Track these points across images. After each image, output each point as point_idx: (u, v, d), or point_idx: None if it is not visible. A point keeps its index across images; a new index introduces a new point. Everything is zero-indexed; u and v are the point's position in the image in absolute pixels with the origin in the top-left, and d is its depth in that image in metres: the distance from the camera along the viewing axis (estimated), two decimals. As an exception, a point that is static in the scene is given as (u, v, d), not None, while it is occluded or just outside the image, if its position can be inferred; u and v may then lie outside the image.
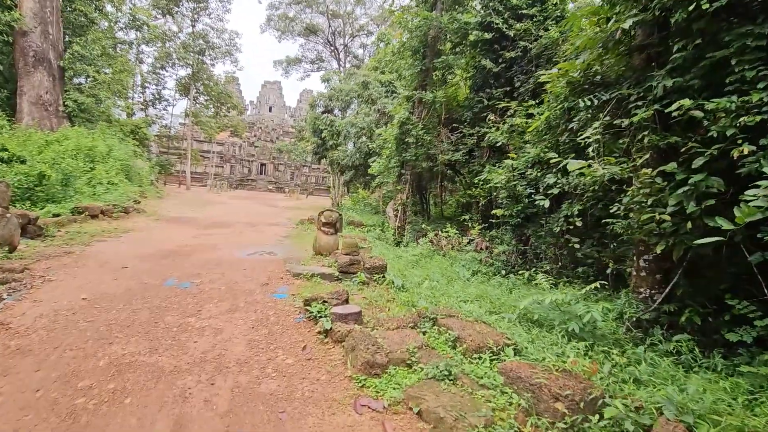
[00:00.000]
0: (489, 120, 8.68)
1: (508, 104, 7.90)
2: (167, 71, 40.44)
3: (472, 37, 12.14)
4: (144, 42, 38.12)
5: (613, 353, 3.98)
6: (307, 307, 4.90)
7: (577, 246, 6.76)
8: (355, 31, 47.44)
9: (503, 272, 8.27)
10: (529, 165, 8.26)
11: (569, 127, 6.06)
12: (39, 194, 10.67)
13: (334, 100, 22.08)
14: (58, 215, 9.90)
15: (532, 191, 8.52)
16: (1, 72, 19.24)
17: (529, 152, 7.88)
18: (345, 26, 47.34)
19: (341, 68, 42.66)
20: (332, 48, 48.13)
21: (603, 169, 4.34)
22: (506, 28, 11.71)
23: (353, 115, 18.49)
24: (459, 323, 4.53)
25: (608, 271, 5.91)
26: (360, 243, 8.21)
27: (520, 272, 8.05)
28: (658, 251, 4.37)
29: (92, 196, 12.36)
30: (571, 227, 6.69)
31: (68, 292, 4.95)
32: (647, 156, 4.61)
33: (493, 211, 9.12)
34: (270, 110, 72.29)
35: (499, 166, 9.12)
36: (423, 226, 12.72)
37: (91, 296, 4.86)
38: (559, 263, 8.14)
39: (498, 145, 9.14)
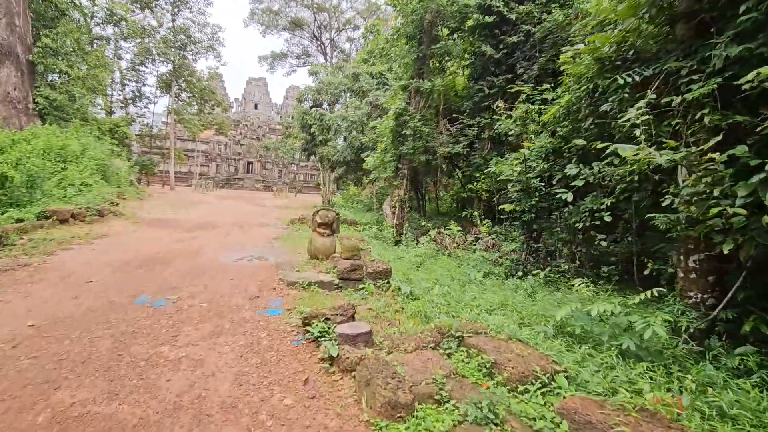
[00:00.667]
0: (497, 108, 7.94)
1: (521, 88, 7.16)
2: (147, 67, 38.93)
3: (470, 22, 11.36)
4: (122, 38, 36.60)
5: (683, 377, 3.26)
6: (307, 327, 4.09)
7: (603, 244, 6.06)
8: (342, 25, 46.33)
9: (519, 273, 7.55)
10: (542, 156, 7.54)
11: (599, 109, 5.32)
12: (1, 198, 9.60)
13: (323, 93, 21.12)
14: (21, 221, 8.86)
15: (542, 184, 7.82)
16: (-37, 67, 17.82)
17: (542, 141, 7.14)
18: (331, 20, 46.20)
19: (328, 63, 41.57)
20: (318, 42, 46.94)
21: (659, 154, 3.60)
22: (507, 11, 10.95)
23: (344, 108, 17.59)
24: (491, 343, 3.76)
25: (646, 272, 5.20)
26: (359, 245, 7.41)
27: (534, 272, 7.34)
28: (726, 250, 3.66)
29: (62, 199, 11.28)
30: (598, 223, 5.98)
31: (12, 316, 4.04)
32: (706, 138, 3.88)
33: (502, 206, 8.38)
34: (256, 107, 70.77)
35: (507, 158, 8.39)
36: (423, 223, 11.95)
37: (41, 322, 3.96)
38: (576, 262, 7.45)
39: (509, 134, 8.39)
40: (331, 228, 7.51)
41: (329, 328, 4.06)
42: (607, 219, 5.73)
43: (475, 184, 11.37)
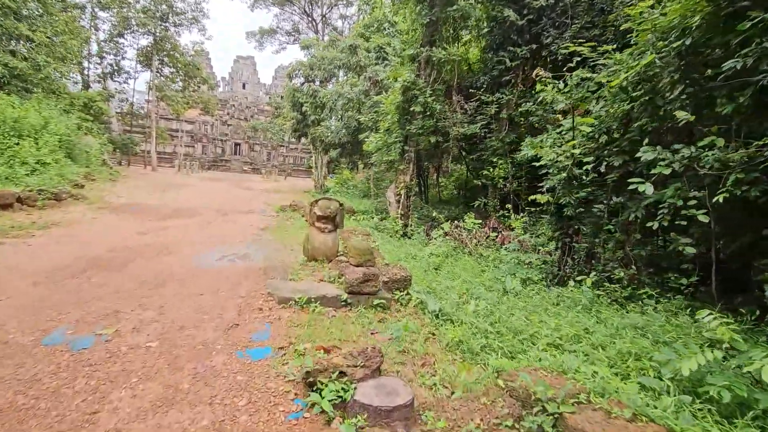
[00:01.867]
0: (537, 76, 6.39)
1: (578, 48, 5.60)
2: (126, 39, 36.10)
3: (491, -18, 9.69)
4: (99, 6, 33.72)
5: None
6: (311, 391, 2.59)
7: (689, 250, 4.63)
8: (334, 1, 43.75)
9: (563, 279, 6.14)
10: (595, 136, 6.05)
11: (705, 71, 3.82)
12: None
13: (316, 69, 19.19)
14: (-57, 206, 7.11)
15: (580, 171, 6.36)
16: None
17: (603, 116, 5.64)
18: (323, -6, 43.55)
19: (320, 40, 39.19)
20: (309, 19, 44.31)
21: None
22: (535, -32, 9.30)
23: (339, 85, 15.80)
24: (608, 426, 2.31)
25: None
26: (370, 244, 5.88)
27: (578, 278, 5.94)
28: None
29: (9, 180, 9.46)
30: (684, 222, 4.55)
31: None
32: None
33: (534, 197, 6.91)
34: (244, 87, 67.71)
35: (542, 139, 6.88)
36: (435, 214, 10.43)
37: None
38: (632, 267, 6.06)
39: (554, 110, 6.87)
40: (334, 222, 5.96)
41: (346, 390, 2.56)
42: (704, 218, 4.30)
43: (491, 170, 9.86)
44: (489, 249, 7.75)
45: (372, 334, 3.86)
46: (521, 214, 9.70)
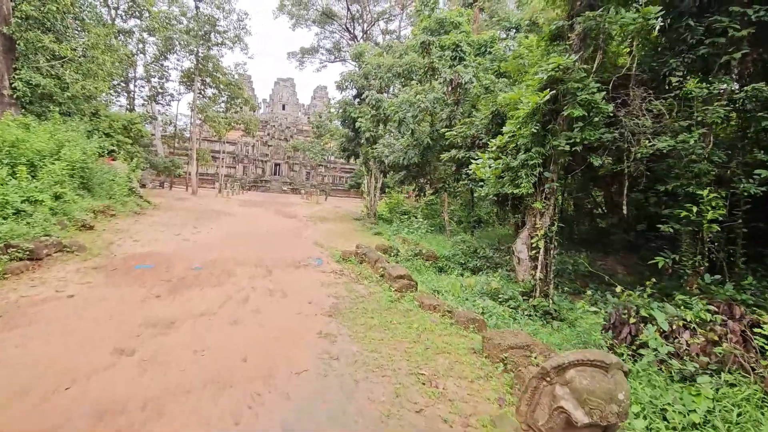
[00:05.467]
0: None
1: None
2: (170, 61, 34.63)
3: None
4: (145, 30, 32.29)
5: None
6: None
7: None
8: (376, 16, 41.04)
9: None
10: None
11: None
12: None
13: (371, 78, 15.79)
14: None
15: None
16: None
17: None
18: (364, 10, 40.94)
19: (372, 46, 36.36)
20: (351, 36, 41.75)
21: None
22: None
23: (410, 91, 12.21)
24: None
25: None
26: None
27: None
28: None
29: (-39, 232, 6.30)
30: None
31: None
32: None
33: None
34: (283, 108, 66.48)
35: None
36: (620, 291, 6.32)
37: None
38: None
39: None
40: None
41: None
42: None
43: (691, 208, 5.74)
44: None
45: None
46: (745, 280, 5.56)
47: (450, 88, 11.08)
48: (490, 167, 6.76)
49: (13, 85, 14.21)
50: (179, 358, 3.71)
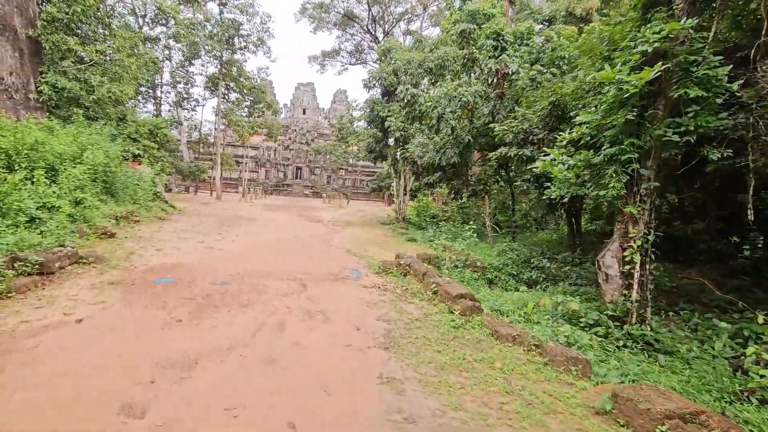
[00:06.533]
0: None
1: None
2: (194, 66, 34.56)
3: None
4: (170, 37, 32.22)
5: None
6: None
7: None
8: (398, 17, 40.12)
9: None
10: None
11: None
12: None
13: (401, 74, 14.77)
14: None
15: None
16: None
17: None
18: (385, 12, 40.07)
19: (378, 64, 35.61)
20: (372, 37, 40.93)
21: None
22: None
23: (452, 85, 11.11)
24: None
25: None
26: None
27: None
28: None
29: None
30: None
31: None
32: None
33: None
34: (304, 112, 66.45)
35: None
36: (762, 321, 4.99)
37: None
38: None
39: None
40: None
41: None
42: None
43: None
44: None
45: None
46: None
47: (495, 80, 9.93)
48: (563, 164, 5.59)
49: (39, 89, 13.83)
50: (204, 422, 2.72)
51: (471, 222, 15.00)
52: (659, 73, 4.40)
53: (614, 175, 5.07)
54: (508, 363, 3.84)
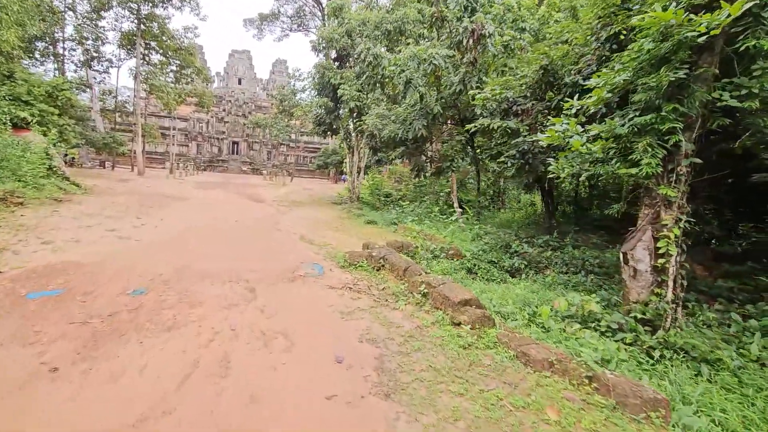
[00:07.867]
0: None
1: None
2: (106, 21, 29.24)
3: None
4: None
5: None
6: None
7: None
8: (344, -19, 37.06)
9: None
10: None
11: None
12: None
13: (356, 36, 12.97)
14: None
15: None
16: None
17: None
18: (330, -25, 36.83)
19: (327, 25, 32.75)
20: (315, 2, 37.63)
21: None
22: None
23: (423, 47, 9.52)
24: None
25: None
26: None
27: None
28: None
29: None
30: None
31: None
32: None
33: None
34: (239, 83, 60.79)
35: None
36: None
37: None
38: None
39: None
40: None
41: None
42: None
43: None
44: None
45: None
46: None
47: (470, 42, 8.66)
48: (579, 137, 4.51)
49: None
50: None
51: (426, 201, 13.98)
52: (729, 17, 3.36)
53: (648, 149, 4.08)
54: (565, 412, 2.70)
